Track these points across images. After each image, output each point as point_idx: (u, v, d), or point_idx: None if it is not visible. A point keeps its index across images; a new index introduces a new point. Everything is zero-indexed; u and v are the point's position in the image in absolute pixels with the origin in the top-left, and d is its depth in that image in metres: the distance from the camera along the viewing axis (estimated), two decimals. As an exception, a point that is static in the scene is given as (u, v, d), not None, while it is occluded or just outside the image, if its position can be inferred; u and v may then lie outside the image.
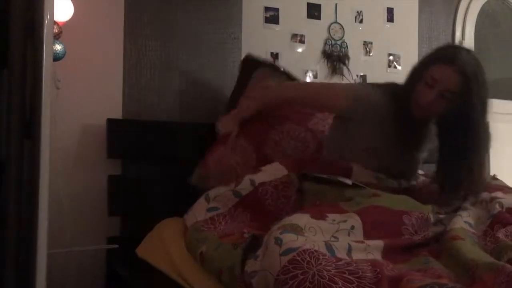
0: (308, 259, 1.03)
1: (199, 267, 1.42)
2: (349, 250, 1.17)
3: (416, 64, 1.66)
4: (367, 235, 1.25)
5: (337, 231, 1.22)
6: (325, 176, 1.54)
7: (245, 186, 1.61)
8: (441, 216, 1.45)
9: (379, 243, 1.23)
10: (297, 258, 1.04)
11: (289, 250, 1.06)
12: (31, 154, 1.31)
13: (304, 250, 1.05)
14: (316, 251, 1.06)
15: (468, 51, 1.60)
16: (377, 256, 1.20)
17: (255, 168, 1.69)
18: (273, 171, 1.62)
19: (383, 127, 1.60)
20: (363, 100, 1.62)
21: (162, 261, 1.63)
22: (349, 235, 1.23)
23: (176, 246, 1.60)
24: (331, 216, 1.28)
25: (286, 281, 1.01)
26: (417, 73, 1.60)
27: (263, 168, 1.66)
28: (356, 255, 1.16)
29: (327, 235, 1.20)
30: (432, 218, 1.36)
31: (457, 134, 1.53)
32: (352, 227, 1.24)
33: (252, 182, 1.61)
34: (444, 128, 1.59)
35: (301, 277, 0.99)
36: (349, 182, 1.52)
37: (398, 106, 1.58)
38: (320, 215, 1.28)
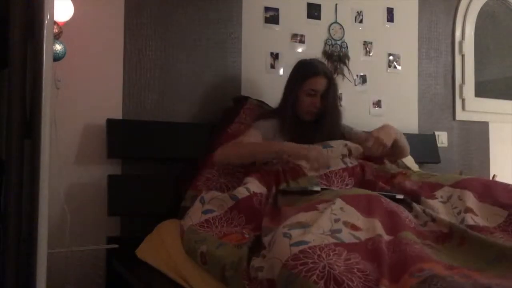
0: (319, 253, 1.05)
1: (199, 267, 1.41)
2: (355, 237, 1.19)
3: (288, 84, 2.11)
4: (360, 210, 1.32)
5: (331, 213, 1.27)
6: (295, 189, 1.65)
7: (241, 191, 1.65)
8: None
9: (376, 222, 1.26)
10: (308, 250, 1.05)
11: (300, 243, 1.08)
12: (31, 154, 1.31)
13: (314, 246, 1.07)
14: (326, 245, 1.08)
15: (316, 59, 2.13)
16: (382, 232, 1.22)
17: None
18: (257, 186, 1.70)
19: (288, 132, 2.01)
20: (259, 123, 2.05)
21: (162, 262, 1.63)
22: (343, 210, 1.29)
23: (176, 247, 1.60)
24: (320, 206, 1.34)
25: (295, 266, 1.02)
26: (293, 90, 2.05)
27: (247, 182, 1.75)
28: (364, 236, 1.20)
29: (327, 225, 1.23)
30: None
31: (331, 114, 2.07)
32: (342, 208, 1.31)
33: (247, 189, 1.66)
34: (324, 111, 2.06)
35: (311, 265, 1.01)
36: (318, 188, 1.61)
37: (288, 117, 2.03)
38: (312, 207, 1.34)
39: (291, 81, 2.11)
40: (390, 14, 2.83)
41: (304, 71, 2.08)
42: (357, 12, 2.73)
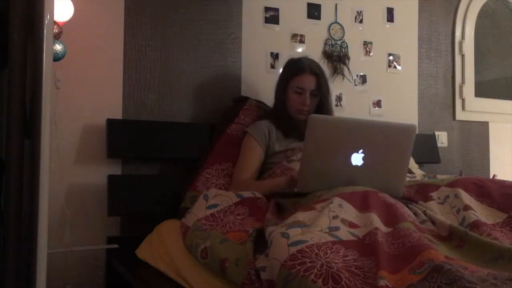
0: (317, 251, 1.05)
1: (199, 267, 1.42)
2: (353, 234, 1.19)
3: (277, 83, 2.12)
4: (357, 206, 1.33)
5: (329, 211, 1.27)
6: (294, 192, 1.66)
7: (246, 193, 1.69)
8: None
9: (373, 216, 1.26)
10: (306, 249, 1.05)
11: (298, 242, 1.08)
12: (31, 154, 1.31)
13: (312, 244, 1.07)
14: (324, 243, 1.09)
15: (306, 57, 2.11)
16: (379, 224, 1.22)
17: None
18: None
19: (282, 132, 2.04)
20: (255, 127, 2.06)
21: (162, 262, 1.63)
22: (341, 206, 1.30)
23: (176, 247, 1.60)
24: (318, 205, 1.35)
25: (293, 266, 1.02)
26: (282, 89, 2.07)
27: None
28: (362, 232, 1.20)
29: (325, 222, 1.23)
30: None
31: (322, 112, 2.06)
32: (340, 205, 1.32)
33: (252, 193, 1.70)
34: (316, 110, 2.08)
35: (309, 264, 1.01)
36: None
37: (280, 116, 2.06)
38: (309, 208, 1.34)
39: (280, 80, 2.13)
40: (390, 14, 2.83)
41: (290, 69, 2.09)
42: (357, 12, 2.73)
